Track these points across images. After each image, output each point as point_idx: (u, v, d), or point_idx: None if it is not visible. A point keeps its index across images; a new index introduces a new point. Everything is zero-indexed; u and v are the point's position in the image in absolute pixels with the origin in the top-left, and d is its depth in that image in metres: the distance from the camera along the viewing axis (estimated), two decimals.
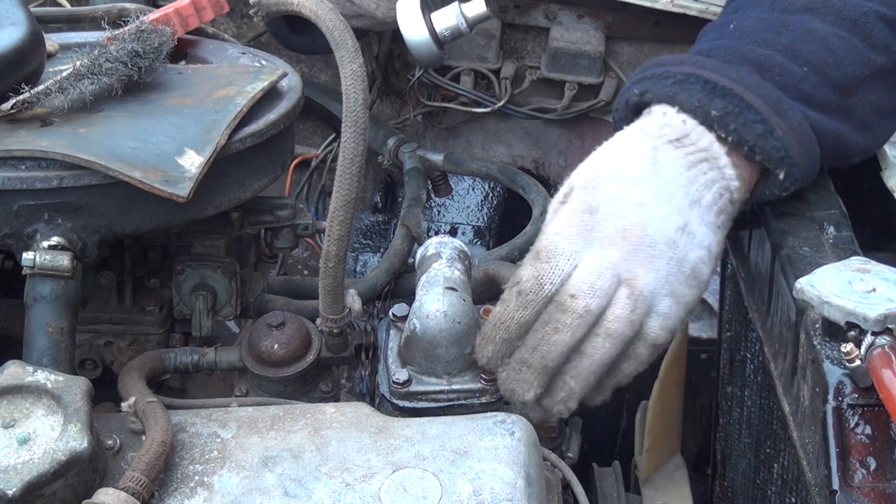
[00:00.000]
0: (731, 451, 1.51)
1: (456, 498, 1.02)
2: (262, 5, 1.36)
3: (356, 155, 1.16)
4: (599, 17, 1.86)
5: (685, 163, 1.17)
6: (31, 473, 0.96)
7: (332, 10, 1.22)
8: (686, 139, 1.17)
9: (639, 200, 1.13)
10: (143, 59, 1.24)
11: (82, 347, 1.31)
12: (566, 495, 1.20)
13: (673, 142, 1.17)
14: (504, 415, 1.11)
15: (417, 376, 1.17)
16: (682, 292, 1.15)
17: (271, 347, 1.23)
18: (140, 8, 1.44)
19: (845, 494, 1.02)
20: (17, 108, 1.18)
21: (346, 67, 1.18)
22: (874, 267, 1.09)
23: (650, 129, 1.19)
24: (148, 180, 1.12)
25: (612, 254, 1.11)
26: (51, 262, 1.13)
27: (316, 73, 1.99)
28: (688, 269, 1.15)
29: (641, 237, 1.12)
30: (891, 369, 0.99)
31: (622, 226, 1.12)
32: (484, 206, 1.78)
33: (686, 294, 1.15)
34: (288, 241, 1.38)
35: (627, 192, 1.13)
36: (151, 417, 1.07)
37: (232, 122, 1.21)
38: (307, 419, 1.11)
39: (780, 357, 1.22)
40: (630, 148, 1.18)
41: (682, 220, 1.14)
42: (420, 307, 1.16)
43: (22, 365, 1.04)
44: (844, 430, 1.04)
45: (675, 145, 1.17)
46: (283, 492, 1.03)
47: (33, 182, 1.12)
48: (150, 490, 1.01)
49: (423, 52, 1.57)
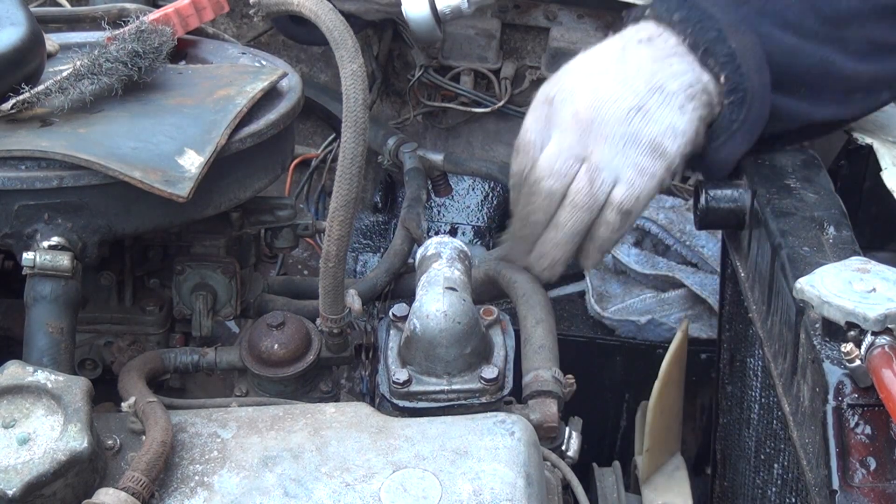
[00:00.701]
0: (731, 451, 1.51)
1: (456, 498, 1.02)
2: (262, 5, 1.36)
3: (356, 155, 1.16)
4: (599, 17, 1.87)
5: (651, 57, 1.23)
6: (31, 473, 0.96)
7: (331, 10, 1.22)
8: (658, 39, 1.24)
9: (594, 86, 1.22)
10: (143, 59, 1.24)
11: (82, 347, 1.31)
12: (566, 495, 1.20)
13: (643, 41, 1.24)
14: (504, 415, 1.11)
15: (417, 376, 1.17)
16: (644, 163, 1.23)
17: (271, 347, 1.23)
18: (140, 8, 1.44)
19: (845, 494, 1.02)
20: (17, 108, 1.18)
21: (346, 67, 1.18)
22: (874, 267, 1.09)
23: (625, 34, 1.27)
24: (148, 180, 1.12)
25: (568, 137, 1.22)
26: (51, 262, 1.13)
27: (316, 73, 1.99)
28: (645, 142, 1.22)
29: (593, 117, 1.21)
30: (891, 369, 0.99)
31: (574, 110, 1.22)
32: (484, 206, 1.78)
33: (650, 165, 1.23)
34: (288, 241, 1.38)
35: (585, 82, 1.23)
36: (151, 417, 1.07)
37: (232, 122, 1.21)
38: (307, 419, 1.11)
39: (780, 357, 1.22)
40: (600, 48, 1.27)
41: (636, 101, 1.21)
42: (420, 307, 1.16)
43: (22, 365, 1.04)
44: (844, 430, 1.04)
45: (644, 45, 1.24)
46: (283, 492, 1.03)
47: (33, 182, 1.12)
48: (151, 490, 1.01)
49: (423, 29, 1.58)
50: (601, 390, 1.86)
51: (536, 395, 1.22)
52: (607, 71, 1.23)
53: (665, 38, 1.24)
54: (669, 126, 1.22)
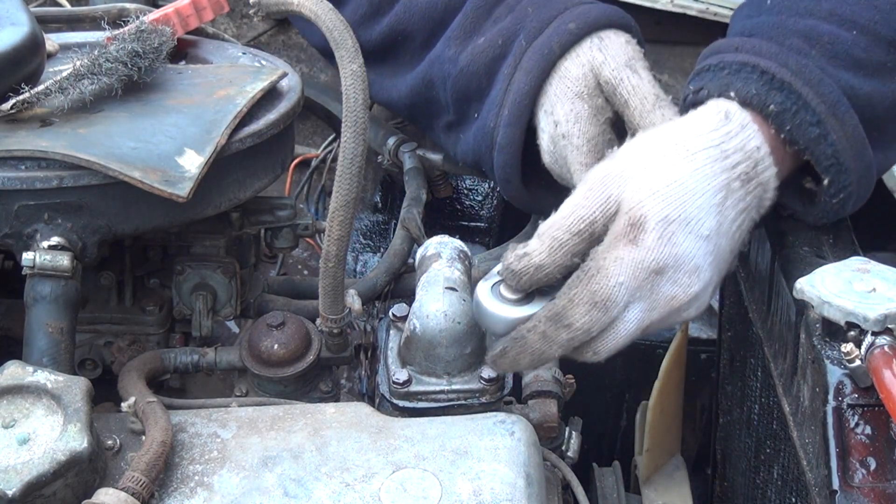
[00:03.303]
0: (731, 451, 1.51)
1: (456, 498, 1.02)
2: (262, 5, 1.36)
3: (356, 155, 1.16)
4: None
5: (742, 207, 1.13)
6: (30, 473, 0.96)
7: (331, 10, 1.22)
8: (753, 172, 1.13)
9: (698, 265, 1.11)
10: (143, 59, 1.24)
11: (82, 347, 1.31)
12: (566, 495, 1.20)
13: (743, 178, 1.12)
14: (504, 415, 1.11)
15: (417, 376, 1.17)
16: (673, 321, 1.17)
17: (271, 347, 1.23)
18: (140, 8, 1.44)
19: (845, 494, 1.02)
20: (17, 108, 1.18)
21: (346, 67, 1.18)
22: (874, 267, 1.09)
23: (728, 150, 1.13)
24: (148, 180, 1.12)
25: (654, 316, 1.11)
26: (51, 262, 1.13)
27: (316, 73, 1.99)
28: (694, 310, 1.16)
29: (683, 305, 1.12)
30: (891, 369, 0.99)
31: (674, 293, 1.11)
32: (484, 206, 1.78)
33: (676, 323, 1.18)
34: (288, 241, 1.38)
35: (693, 255, 1.10)
36: (151, 417, 1.07)
37: (232, 122, 1.21)
38: (307, 419, 1.11)
39: (780, 357, 1.22)
40: (706, 182, 1.11)
41: (718, 279, 1.15)
42: (420, 307, 1.16)
43: (22, 365, 1.04)
44: (844, 430, 1.04)
45: (742, 182, 1.13)
46: (282, 492, 1.03)
47: (33, 182, 1.12)
48: (150, 490, 1.01)
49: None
50: (601, 390, 1.86)
51: (536, 395, 1.22)
52: (710, 237, 1.11)
53: (760, 170, 1.13)
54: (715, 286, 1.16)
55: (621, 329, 1.10)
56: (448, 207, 1.73)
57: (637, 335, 1.12)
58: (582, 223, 1.10)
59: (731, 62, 1.17)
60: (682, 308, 1.12)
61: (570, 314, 1.08)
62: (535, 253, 1.10)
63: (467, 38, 1.39)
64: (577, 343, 1.09)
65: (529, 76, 1.31)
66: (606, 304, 1.07)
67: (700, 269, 1.11)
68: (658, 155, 1.12)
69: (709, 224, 1.10)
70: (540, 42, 1.32)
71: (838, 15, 1.18)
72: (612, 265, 1.07)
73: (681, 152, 1.12)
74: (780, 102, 1.14)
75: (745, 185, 1.13)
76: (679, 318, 1.15)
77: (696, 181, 1.10)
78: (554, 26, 1.32)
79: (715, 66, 1.19)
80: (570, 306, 1.08)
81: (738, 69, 1.16)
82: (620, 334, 1.10)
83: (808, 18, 1.19)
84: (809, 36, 1.17)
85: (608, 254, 1.08)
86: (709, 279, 1.12)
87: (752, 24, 1.23)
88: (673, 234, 1.09)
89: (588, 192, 1.11)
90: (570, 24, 1.31)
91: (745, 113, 1.14)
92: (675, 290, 1.10)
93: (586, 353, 1.11)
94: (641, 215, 1.08)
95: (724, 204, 1.11)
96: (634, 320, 1.10)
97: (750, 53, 1.17)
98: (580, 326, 1.08)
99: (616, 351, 1.12)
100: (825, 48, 1.17)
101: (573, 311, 1.07)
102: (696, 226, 1.10)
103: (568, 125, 1.30)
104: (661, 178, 1.10)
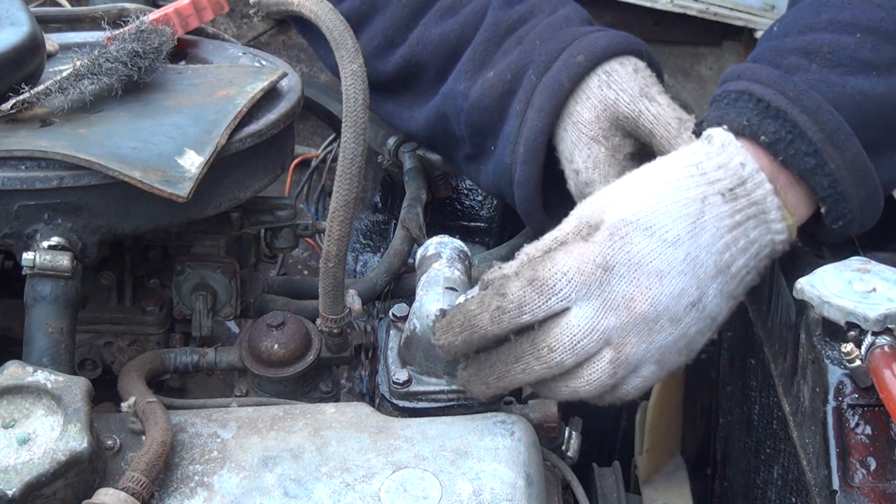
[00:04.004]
0: (731, 451, 1.51)
1: (456, 498, 1.02)
2: (262, 5, 1.36)
3: (356, 155, 1.16)
4: (599, 17, 1.86)
5: (730, 223, 1.10)
6: (31, 473, 0.96)
7: (331, 10, 1.22)
8: (741, 189, 1.11)
9: (660, 269, 1.08)
10: (143, 59, 1.24)
11: (82, 347, 1.31)
12: (566, 495, 1.20)
13: (725, 193, 1.10)
14: (504, 415, 1.11)
15: (417, 376, 1.17)
16: (671, 360, 1.12)
17: (271, 347, 1.23)
18: (140, 8, 1.44)
19: (845, 494, 1.02)
20: (17, 108, 1.18)
21: (346, 67, 1.18)
22: (874, 267, 1.09)
23: (706, 168, 1.12)
24: (148, 180, 1.12)
25: (610, 319, 1.07)
26: (51, 262, 1.13)
27: (316, 73, 1.99)
28: (684, 343, 1.11)
29: (646, 311, 1.08)
30: (891, 369, 0.99)
31: (631, 295, 1.07)
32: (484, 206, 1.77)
33: (674, 361, 1.12)
34: (288, 241, 1.38)
35: (652, 257, 1.08)
36: (151, 417, 1.07)
37: (232, 122, 1.21)
38: (307, 419, 1.11)
39: (780, 357, 1.22)
40: (678, 193, 1.10)
41: (697, 295, 1.09)
42: (420, 307, 1.16)
43: (22, 365, 1.04)
44: (844, 430, 1.05)
45: (726, 198, 1.10)
46: (283, 492, 1.03)
47: (33, 182, 1.12)
48: (150, 490, 1.01)
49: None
50: None
51: (537, 395, 1.22)
52: (679, 242, 1.08)
53: (750, 187, 1.11)
54: (713, 318, 1.12)
55: (574, 328, 1.07)
56: (448, 207, 1.73)
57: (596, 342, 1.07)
58: (555, 242, 1.12)
59: (731, 91, 1.17)
60: (650, 316, 1.08)
61: (507, 285, 1.08)
62: (507, 267, 1.12)
63: (477, 72, 1.38)
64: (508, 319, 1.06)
65: (542, 113, 1.31)
66: (542, 288, 1.06)
67: (663, 273, 1.08)
68: (633, 175, 1.14)
69: (676, 231, 1.09)
70: (549, 78, 1.31)
71: (838, 22, 1.17)
72: (559, 254, 1.08)
73: (655, 170, 1.13)
74: (774, 132, 1.13)
75: (729, 202, 1.11)
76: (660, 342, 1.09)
77: (665, 192, 1.11)
78: (563, 59, 1.31)
79: (719, 97, 1.19)
80: (511, 279, 1.08)
81: (735, 98, 1.16)
82: (575, 334, 1.07)
83: (807, 34, 1.18)
84: (808, 50, 1.16)
85: (562, 247, 1.09)
86: (679, 289, 1.08)
87: (758, 51, 1.22)
88: (627, 234, 1.08)
89: (566, 219, 1.13)
90: (578, 56, 1.30)
91: (728, 135, 1.14)
92: (632, 291, 1.07)
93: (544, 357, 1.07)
94: (600, 218, 1.10)
95: (700, 216, 1.10)
96: (586, 318, 1.07)
97: (749, 80, 1.16)
98: (512, 299, 1.07)
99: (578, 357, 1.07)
100: (825, 58, 1.15)
101: (511, 283, 1.08)
102: (658, 230, 1.09)
103: (588, 172, 1.31)
104: (627, 188, 1.12)
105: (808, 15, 1.20)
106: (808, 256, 1.20)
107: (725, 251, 1.10)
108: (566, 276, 1.07)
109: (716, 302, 1.11)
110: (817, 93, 1.13)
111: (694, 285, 1.09)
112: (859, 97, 1.14)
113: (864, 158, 1.13)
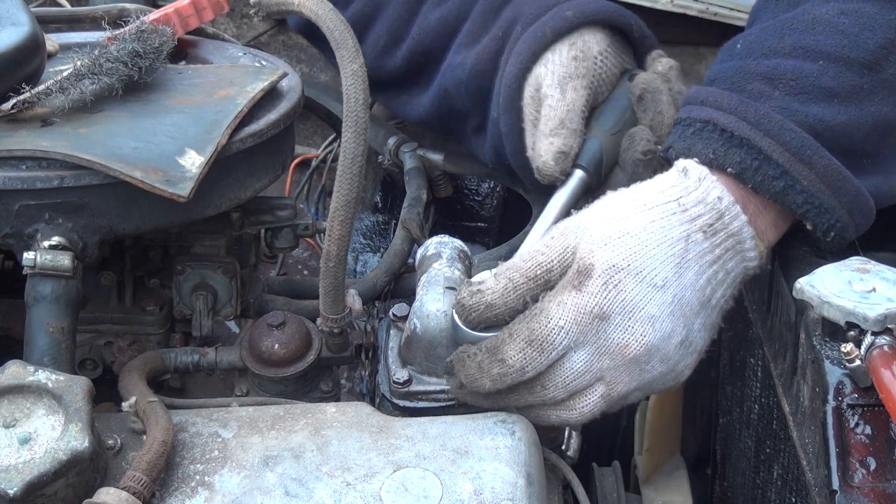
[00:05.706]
0: (731, 451, 1.51)
1: (457, 497, 1.02)
2: (262, 5, 1.36)
3: (356, 155, 1.16)
4: None
5: (710, 259, 1.12)
6: (32, 473, 0.96)
7: (332, 10, 1.22)
8: (719, 223, 1.13)
9: (652, 314, 1.09)
10: (143, 59, 1.24)
11: (83, 347, 1.31)
12: (566, 495, 1.20)
13: (706, 230, 1.12)
14: (505, 414, 1.11)
15: (418, 376, 1.17)
16: (658, 389, 1.16)
17: (272, 347, 1.23)
18: (140, 8, 1.44)
19: (845, 494, 1.02)
20: (17, 108, 1.18)
21: (346, 67, 1.18)
22: (874, 267, 1.09)
23: (686, 203, 1.13)
24: (149, 180, 1.12)
25: (604, 362, 1.10)
26: (51, 261, 1.13)
27: (316, 73, 1.99)
28: (672, 377, 1.14)
29: (639, 356, 1.10)
30: (891, 369, 0.99)
31: (626, 342, 1.09)
32: (484, 206, 1.77)
33: (659, 389, 1.16)
34: (288, 241, 1.38)
35: (644, 303, 1.09)
36: (152, 417, 1.07)
37: (232, 121, 1.21)
38: (308, 419, 1.11)
39: (780, 357, 1.23)
40: (663, 234, 1.11)
41: (685, 334, 1.12)
42: (420, 307, 1.16)
43: (23, 365, 1.04)
44: (844, 430, 1.05)
45: (707, 234, 1.12)
46: (283, 491, 1.03)
47: (34, 182, 1.13)
48: (151, 490, 1.01)
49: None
50: None
51: None
52: (667, 286, 1.10)
53: (727, 220, 1.13)
54: (698, 352, 1.15)
55: (568, 371, 1.09)
56: (448, 207, 1.73)
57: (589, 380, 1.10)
58: (539, 269, 1.12)
59: (696, 119, 1.18)
60: (643, 359, 1.10)
61: (505, 349, 1.09)
62: (489, 292, 1.11)
63: (474, 42, 1.39)
64: (511, 381, 1.09)
65: (519, 58, 1.33)
66: (542, 345, 1.08)
67: (655, 318, 1.09)
68: (616, 209, 1.14)
69: (664, 274, 1.10)
70: (534, 27, 1.33)
71: (802, 47, 1.17)
72: (553, 308, 1.09)
73: (638, 206, 1.13)
74: (739, 162, 1.14)
75: (710, 237, 1.12)
76: (650, 378, 1.12)
77: (651, 233, 1.11)
78: (552, 13, 1.33)
79: (683, 122, 1.20)
80: (508, 342, 1.09)
81: (700, 128, 1.17)
82: (568, 376, 1.10)
83: (770, 58, 1.19)
84: (772, 76, 1.17)
85: (554, 298, 1.09)
86: (669, 330, 1.10)
87: (719, 70, 1.23)
88: (620, 282, 1.09)
89: (549, 241, 1.13)
90: (567, 11, 1.33)
91: (703, 168, 1.15)
92: (627, 338, 1.09)
93: (537, 392, 1.11)
94: (590, 263, 1.10)
95: (684, 256, 1.11)
96: (582, 362, 1.09)
97: (712, 108, 1.17)
98: (513, 363, 1.09)
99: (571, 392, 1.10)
100: (789, 85, 1.16)
101: (508, 347, 1.09)
102: (648, 275, 1.10)
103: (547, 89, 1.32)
104: (614, 228, 1.12)
105: (771, 37, 1.21)
106: (808, 256, 1.20)
107: (707, 286, 1.13)
108: (563, 330, 1.08)
109: (700, 335, 1.14)
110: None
111: (682, 324, 1.11)
112: (819, 126, 1.15)
113: (837, 166, 1.14)
